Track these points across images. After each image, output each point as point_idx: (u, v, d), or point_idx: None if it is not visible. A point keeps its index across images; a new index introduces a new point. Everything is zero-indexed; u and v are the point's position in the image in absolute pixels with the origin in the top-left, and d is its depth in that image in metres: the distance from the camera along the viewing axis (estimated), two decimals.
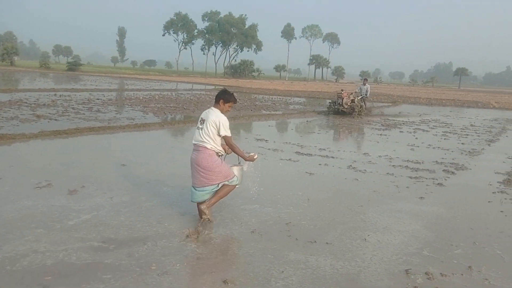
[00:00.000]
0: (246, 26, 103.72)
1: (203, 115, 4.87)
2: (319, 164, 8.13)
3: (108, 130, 10.85)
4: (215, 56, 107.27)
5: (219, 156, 4.88)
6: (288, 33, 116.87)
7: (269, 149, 9.42)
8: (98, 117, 13.14)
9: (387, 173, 7.69)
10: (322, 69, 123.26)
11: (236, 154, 4.97)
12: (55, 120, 12.11)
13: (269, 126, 14.21)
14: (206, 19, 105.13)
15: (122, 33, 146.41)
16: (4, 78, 35.59)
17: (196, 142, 4.83)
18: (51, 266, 3.56)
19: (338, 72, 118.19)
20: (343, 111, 18.38)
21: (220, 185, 4.82)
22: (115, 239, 4.17)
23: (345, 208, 5.64)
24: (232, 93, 4.95)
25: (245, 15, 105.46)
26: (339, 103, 18.60)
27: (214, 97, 4.90)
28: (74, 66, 69.97)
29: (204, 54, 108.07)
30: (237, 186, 5.02)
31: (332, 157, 8.94)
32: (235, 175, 4.91)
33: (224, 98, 4.83)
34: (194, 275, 3.56)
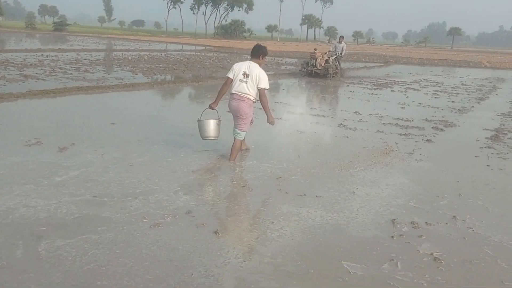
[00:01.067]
0: None
1: (244, 69, 5.35)
2: (310, 123, 8.14)
3: (97, 89, 10.71)
4: (205, 16, 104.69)
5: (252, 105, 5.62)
6: None
7: (260, 108, 9.37)
8: (86, 77, 12.93)
9: (377, 131, 7.75)
10: (315, 30, 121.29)
11: (264, 108, 5.53)
12: (43, 80, 11.90)
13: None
14: None
15: None
16: None
17: (239, 93, 5.37)
18: (44, 219, 3.59)
19: (331, 33, 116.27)
20: (316, 72, 16.83)
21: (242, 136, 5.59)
22: (106, 193, 4.21)
23: (335, 163, 5.70)
24: (265, 47, 5.64)
25: None
26: (312, 64, 17.00)
27: (251, 52, 5.52)
28: (60, 27, 68.09)
29: (194, 14, 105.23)
30: (214, 139, 5.78)
31: (323, 116, 8.95)
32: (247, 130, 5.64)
33: (263, 52, 5.47)
34: (185, 227, 3.62)
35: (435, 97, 12.91)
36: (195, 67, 19.16)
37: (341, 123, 8.24)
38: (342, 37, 19.15)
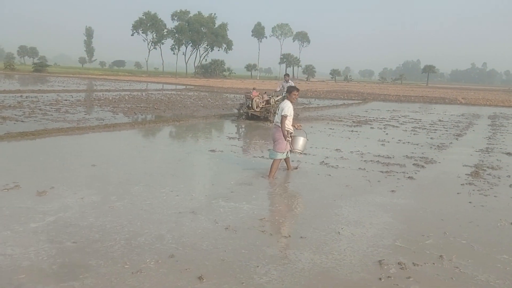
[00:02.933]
0: (216, 25, 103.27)
1: (281, 103, 7.06)
2: (292, 161, 8.15)
3: (77, 130, 10.59)
4: (185, 56, 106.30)
5: (290, 134, 6.96)
6: (258, 32, 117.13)
7: (241, 147, 9.42)
8: (67, 118, 12.81)
9: (359, 168, 7.81)
10: (293, 68, 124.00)
11: (282, 130, 6.81)
12: (22, 121, 11.73)
13: (242, 125, 14.20)
14: (175, 18, 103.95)
15: (89, 33, 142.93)
16: None
17: (276, 122, 6.99)
18: (23, 267, 3.44)
19: (309, 71, 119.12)
20: (254, 115, 14.69)
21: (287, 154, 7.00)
22: (87, 239, 4.07)
23: (318, 202, 5.68)
24: (295, 86, 7.58)
25: (215, 14, 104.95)
26: (248, 105, 14.77)
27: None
28: (40, 67, 67.98)
29: (174, 54, 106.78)
30: (300, 153, 7.39)
31: (305, 153, 8.99)
32: (284, 151, 6.88)
33: (293, 90, 7.17)
34: (168, 273, 3.50)
35: (414, 134, 13.18)
36: (176, 106, 19.23)
37: (323, 161, 8.29)
38: (287, 75, 17.35)
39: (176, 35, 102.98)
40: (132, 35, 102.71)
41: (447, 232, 4.80)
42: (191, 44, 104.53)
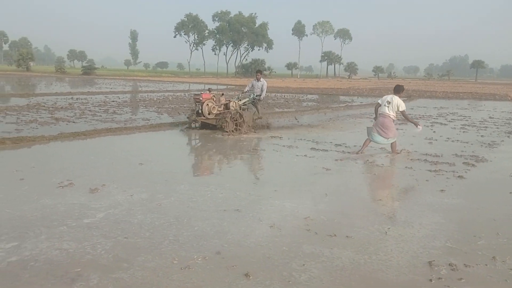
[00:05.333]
0: (257, 25, 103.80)
1: (388, 99, 8.63)
2: (335, 160, 8.08)
3: (125, 130, 10.97)
4: (226, 56, 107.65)
5: (393, 121, 8.67)
6: (299, 30, 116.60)
7: (283, 146, 9.41)
8: (115, 119, 13.29)
9: (406, 167, 7.61)
10: (335, 66, 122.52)
11: (409, 120, 9.17)
12: (73, 122, 12.28)
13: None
14: (216, 19, 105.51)
15: (134, 36, 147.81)
16: (21, 83, 36.21)
17: (385, 112, 8.59)
18: (78, 260, 3.61)
19: (351, 68, 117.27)
20: (206, 123, 11.35)
21: (390, 140, 8.68)
22: (137, 235, 4.21)
23: (364, 202, 5.60)
24: (402, 85, 9.07)
25: (255, 14, 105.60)
26: (198, 110, 11.31)
27: (394, 89, 8.82)
28: (88, 70, 70.81)
29: (215, 54, 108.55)
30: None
31: (349, 152, 8.88)
32: (396, 137, 8.73)
33: (401, 89, 8.83)
34: (215, 269, 3.57)
35: (463, 131, 12.69)
36: None
37: (368, 160, 8.14)
38: (259, 71, 14.06)
39: (217, 35, 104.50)
40: (174, 36, 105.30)
41: (499, 232, 4.60)
42: (231, 44, 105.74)
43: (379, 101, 8.85)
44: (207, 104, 11.16)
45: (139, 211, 4.91)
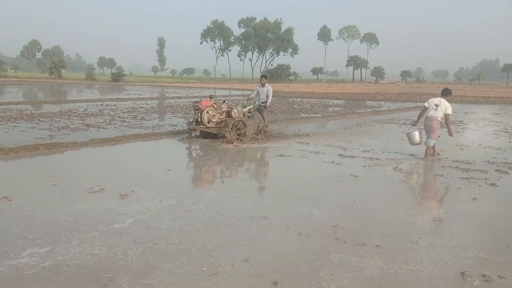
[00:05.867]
0: (282, 30, 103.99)
1: (436, 101, 8.72)
2: (363, 166, 7.98)
3: (153, 136, 11.15)
4: (251, 61, 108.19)
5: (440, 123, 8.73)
6: (324, 35, 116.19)
7: (310, 151, 9.37)
8: (143, 125, 13.53)
9: (436, 174, 7.45)
10: (361, 70, 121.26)
11: (448, 126, 8.76)
12: (103, 128, 12.57)
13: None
14: (242, 25, 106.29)
15: (161, 43, 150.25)
16: (53, 90, 37.35)
17: (433, 116, 8.63)
18: (109, 266, 3.69)
19: (378, 73, 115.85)
20: (207, 132, 10.76)
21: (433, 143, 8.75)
22: (166, 241, 4.27)
23: (393, 210, 5.50)
24: (450, 89, 9.18)
25: (281, 19, 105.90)
26: (197, 119, 10.85)
27: (441, 92, 9.01)
28: (117, 77, 72.47)
29: (240, 60, 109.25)
30: (419, 143, 9.09)
31: (377, 158, 8.76)
32: (437, 139, 8.76)
33: (449, 92, 8.95)
34: (243, 277, 3.58)
35: (495, 137, 12.33)
36: None
37: (397, 166, 8.01)
38: (264, 77, 13.33)
39: (243, 41, 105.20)
40: (201, 43, 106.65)
41: None
42: (257, 49, 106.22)
43: (426, 105, 8.90)
44: (207, 112, 10.58)
45: (167, 217, 4.98)
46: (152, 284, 3.42)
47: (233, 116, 11.09)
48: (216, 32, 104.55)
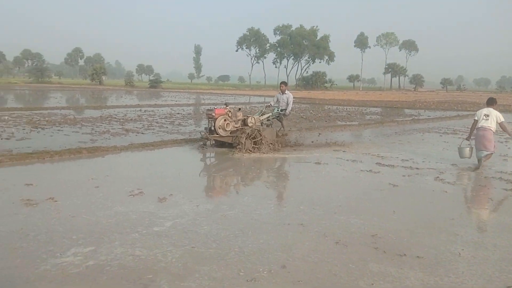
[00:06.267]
0: (318, 38, 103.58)
1: (485, 112, 8.80)
2: (403, 176, 7.81)
3: (190, 142, 11.34)
4: (286, 68, 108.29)
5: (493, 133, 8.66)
6: (361, 42, 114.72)
7: (347, 160, 9.25)
8: (180, 130, 13.79)
9: (479, 185, 7.20)
10: (399, 78, 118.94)
11: (508, 132, 8.78)
12: (142, 133, 12.90)
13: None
14: (278, 33, 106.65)
15: (198, 50, 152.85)
16: (94, 96, 38.69)
17: (485, 126, 8.61)
18: (150, 267, 3.77)
19: (417, 80, 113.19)
20: (221, 141, 10.47)
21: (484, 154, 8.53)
22: (204, 245, 4.32)
23: (435, 221, 5.35)
24: (495, 98, 9.20)
25: (317, 26, 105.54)
26: (210, 128, 10.60)
27: (487, 101, 9.08)
28: (155, 84, 74.28)
29: (276, 67, 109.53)
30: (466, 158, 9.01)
31: (417, 168, 8.55)
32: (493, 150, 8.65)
33: (495, 102, 9.03)
34: (281, 283, 3.57)
35: None
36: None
37: (438, 176, 7.78)
38: (284, 83, 12.81)
39: (278, 49, 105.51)
40: (236, 50, 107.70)
41: None
42: (292, 57, 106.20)
43: (475, 118, 8.92)
44: (221, 120, 10.27)
45: (204, 222, 5.04)
46: (191, 286, 3.47)
47: (249, 125, 10.75)
48: (252, 39, 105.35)
